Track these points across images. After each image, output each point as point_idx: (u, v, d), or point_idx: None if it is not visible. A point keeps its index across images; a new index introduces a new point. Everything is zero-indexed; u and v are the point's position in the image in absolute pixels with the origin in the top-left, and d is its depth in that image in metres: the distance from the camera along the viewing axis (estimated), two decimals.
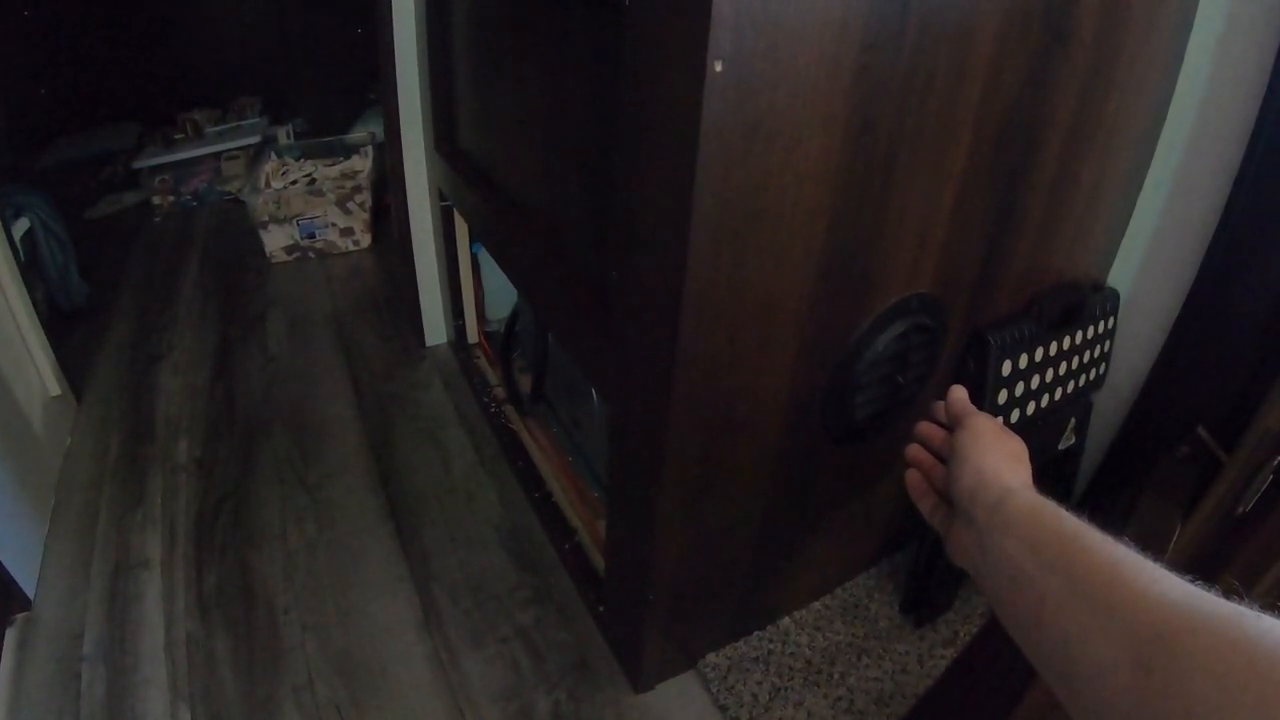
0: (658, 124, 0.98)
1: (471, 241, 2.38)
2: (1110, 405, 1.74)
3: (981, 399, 1.41)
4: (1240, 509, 1.25)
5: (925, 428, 1.00)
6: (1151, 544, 0.59)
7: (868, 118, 1.00)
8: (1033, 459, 0.84)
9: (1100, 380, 1.67)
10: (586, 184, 1.36)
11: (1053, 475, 1.76)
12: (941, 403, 0.98)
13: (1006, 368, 1.42)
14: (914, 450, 1.00)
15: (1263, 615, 0.48)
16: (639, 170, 1.05)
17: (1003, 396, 1.45)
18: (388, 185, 2.68)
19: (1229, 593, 0.52)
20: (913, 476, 0.97)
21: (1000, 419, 1.44)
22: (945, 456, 0.92)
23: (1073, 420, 1.68)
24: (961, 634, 1.64)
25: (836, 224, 1.07)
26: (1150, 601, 0.54)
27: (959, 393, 0.96)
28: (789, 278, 1.08)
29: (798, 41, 0.88)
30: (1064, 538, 0.66)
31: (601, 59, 1.20)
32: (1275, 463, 1.21)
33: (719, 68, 0.83)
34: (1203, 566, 1.24)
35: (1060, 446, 1.70)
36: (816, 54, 0.90)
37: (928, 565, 1.58)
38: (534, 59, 1.47)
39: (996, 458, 0.82)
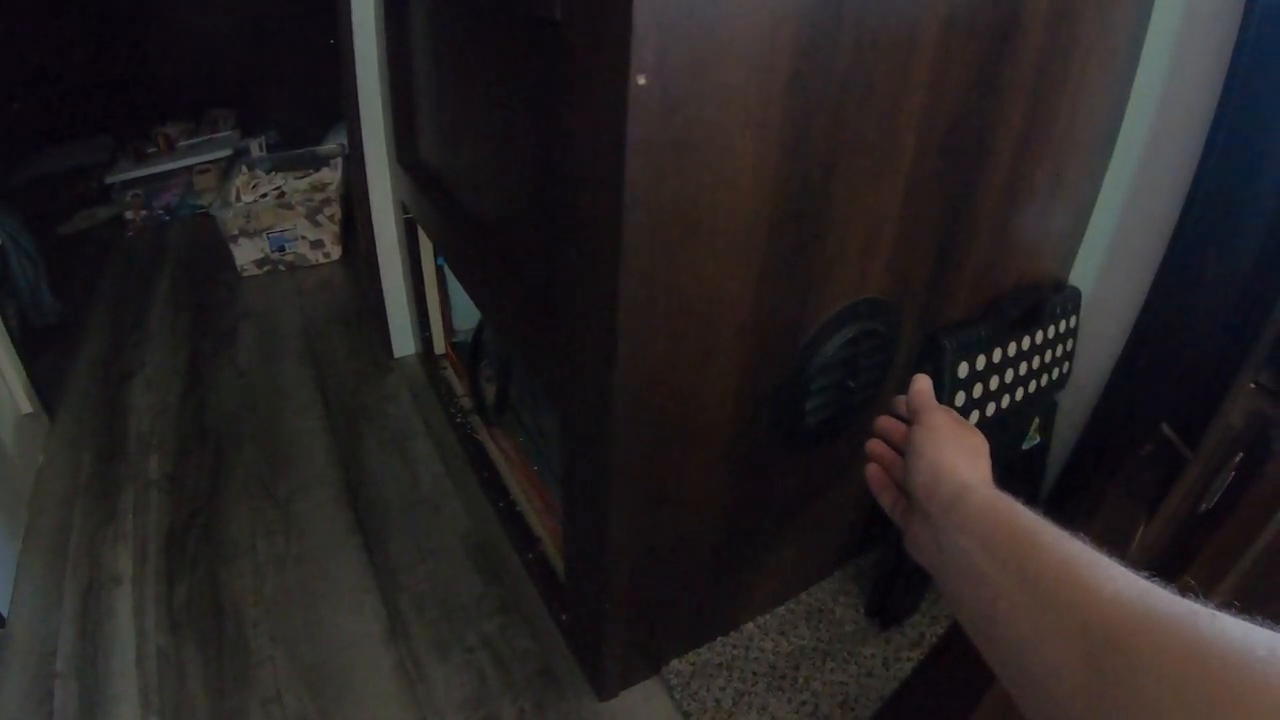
0: (589, 138, 0.98)
1: (436, 254, 2.38)
2: (1075, 404, 1.74)
3: (939, 401, 1.41)
4: (1204, 506, 1.25)
5: (885, 422, 0.99)
6: (1116, 541, 0.59)
7: (804, 127, 1.00)
8: (997, 459, 0.83)
9: (1064, 379, 1.67)
10: (533, 197, 1.37)
11: (1019, 474, 1.76)
12: (902, 397, 0.97)
13: (963, 370, 1.42)
14: (874, 444, 0.99)
15: (1217, 615, 0.48)
16: (574, 184, 1.06)
17: (961, 399, 1.44)
18: (354, 196, 2.68)
19: (1185, 591, 0.51)
20: (872, 470, 0.96)
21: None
22: (904, 450, 0.91)
23: (1037, 420, 1.69)
24: (928, 636, 1.64)
25: (776, 232, 1.07)
26: (1103, 600, 0.53)
27: (921, 384, 0.95)
28: (730, 287, 1.08)
29: (725, 53, 0.88)
30: (1018, 534, 0.65)
31: (540, 74, 1.20)
32: (1237, 459, 1.21)
33: (642, 81, 0.83)
34: (1167, 563, 1.24)
35: (1025, 446, 1.70)
36: (746, 65, 0.90)
37: (893, 568, 1.57)
38: (483, 74, 1.48)
39: (954, 453, 0.81)
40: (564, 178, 1.10)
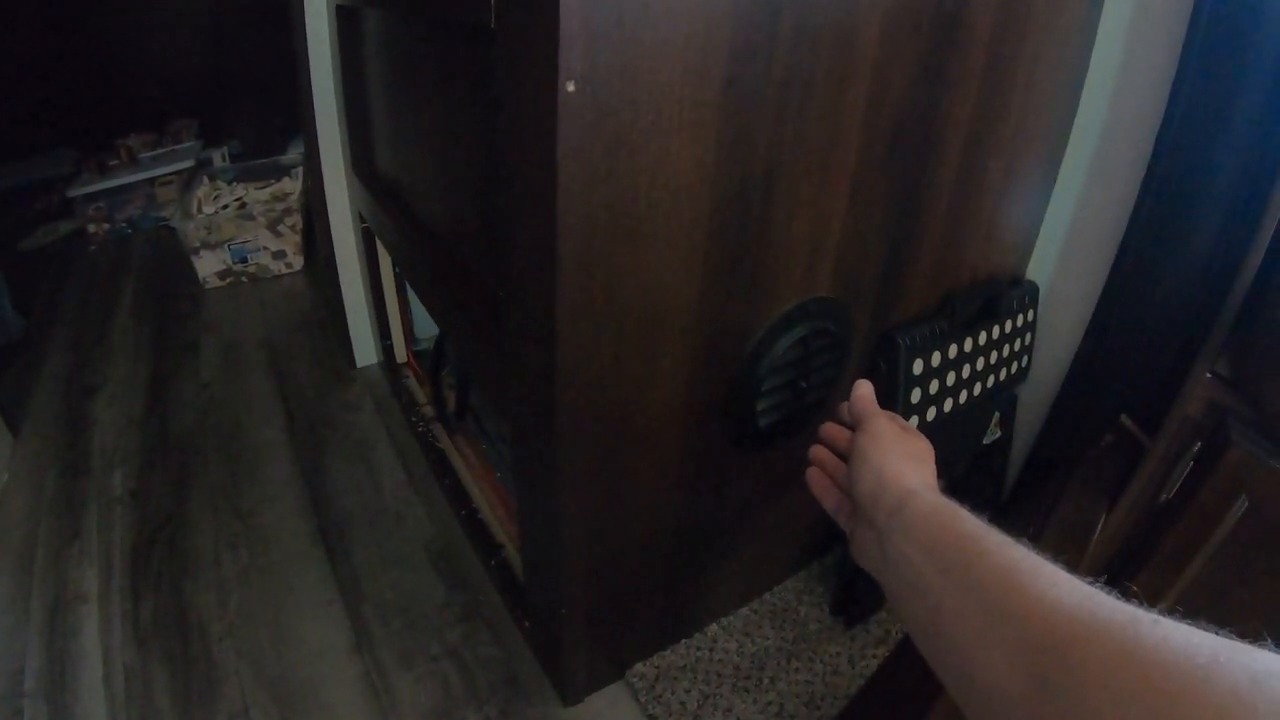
0: (523, 146, 0.98)
1: (395, 263, 2.37)
2: (1035, 397, 1.75)
3: (894, 398, 1.41)
4: (1164, 496, 1.26)
5: (829, 428, 0.99)
6: (1079, 531, 0.59)
7: (742, 128, 1.00)
8: (958, 454, 0.83)
9: (1024, 373, 1.68)
10: (477, 206, 1.37)
11: (981, 469, 1.77)
12: (846, 403, 0.97)
13: (918, 366, 1.43)
14: (816, 450, 0.98)
15: (1159, 621, 0.47)
16: (512, 192, 1.06)
17: (916, 395, 1.45)
18: (312, 205, 2.67)
19: (1128, 596, 0.51)
20: (814, 474, 0.96)
21: (914, 418, 1.45)
22: (849, 457, 0.91)
23: (997, 414, 1.69)
24: (893, 633, 1.64)
25: (718, 234, 1.07)
26: (1045, 608, 0.53)
27: (863, 389, 0.94)
28: (672, 289, 1.09)
29: (657, 57, 0.88)
30: (961, 540, 0.64)
31: (479, 84, 1.20)
32: (1196, 449, 1.22)
33: (571, 88, 0.83)
34: (1130, 552, 1.25)
35: (986, 440, 1.71)
36: (679, 68, 0.90)
37: (856, 566, 1.57)
38: (428, 84, 1.48)
39: (898, 459, 0.81)
40: (502, 185, 1.10)
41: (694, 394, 1.23)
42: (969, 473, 1.73)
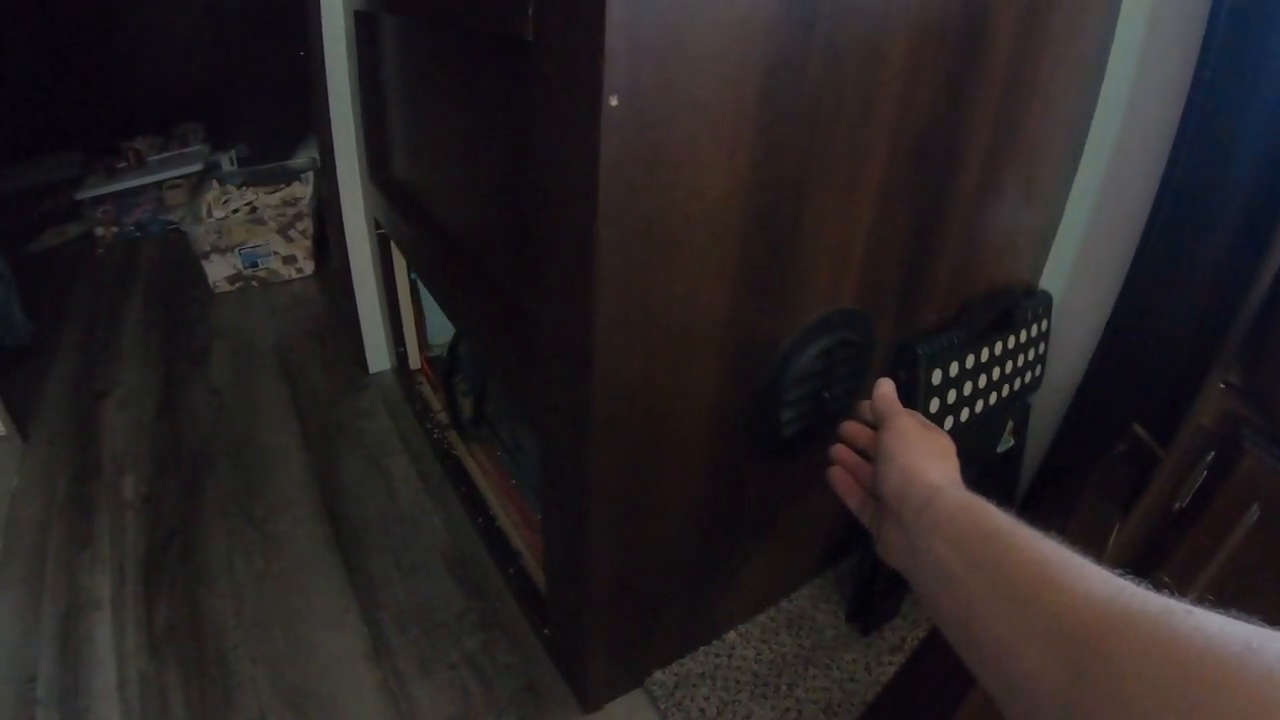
0: (561, 158, 0.98)
1: (410, 269, 2.38)
2: (1049, 406, 1.76)
3: (913, 408, 1.41)
4: (1178, 505, 1.26)
5: (850, 427, 0.99)
6: (1092, 541, 0.59)
7: (774, 141, 1.01)
8: (972, 462, 0.83)
9: (1037, 382, 1.68)
10: (505, 214, 1.37)
11: (994, 477, 1.77)
12: (867, 401, 0.97)
13: (936, 376, 1.43)
14: (838, 449, 0.99)
15: (1192, 611, 0.48)
16: (547, 203, 1.06)
17: (934, 405, 1.45)
18: (326, 211, 2.67)
19: (1159, 588, 0.51)
20: (836, 474, 0.97)
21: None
22: (871, 455, 0.91)
23: (1011, 423, 1.70)
24: (909, 640, 1.64)
25: (749, 246, 1.08)
26: (1077, 600, 0.53)
27: (885, 388, 0.95)
28: (703, 301, 1.09)
29: (697, 71, 0.89)
30: (991, 536, 0.65)
31: (511, 93, 1.20)
32: (1209, 458, 1.22)
33: (614, 102, 0.84)
34: (1143, 562, 1.25)
35: (999, 449, 1.71)
36: (717, 82, 0.91)
37: (872, 573, 1.58)
38: (453, 92, 1.48)
39: (922, 456, 0.82)
40: (536, 196, 1.10)
41: (720, 404, 1.23)
42: (982, 481, 1.73)
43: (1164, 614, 0.48)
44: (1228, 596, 1.12)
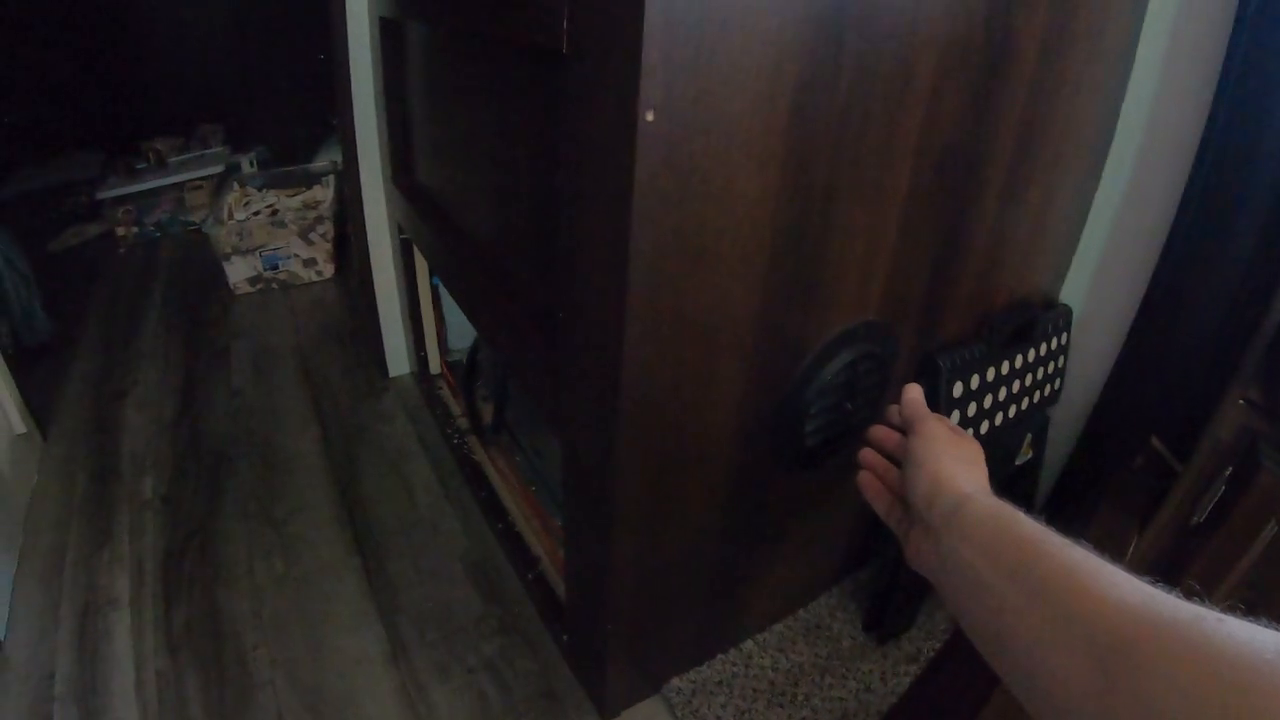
0: (594, 170, 0.99)
1: (431, 274, 2.39)
2: (1067, 419, 1.76)
3: None
4: (1195, 519, 1.26)
5: (878, 431, 0.99)
6: (1109, 555, 0.59)
7: (804, 155, 1.01)
8: (990, 475, 0.83)
9: (1056, 395, 1.69)
10: (533, 224, 1.37)
11: (1011, 490, 1.76)
12: (895, 406, 0.97)
13: (958, 389, 1.44)
14: (866, 453, 0.99)
15: (1223, 618, 0.48)
16: (578, 214, 1.07)
17: (955, 417, 1.46)
18: (348, 215, 2.68)
19: (1189, 594, 0.51)
20: (865, 478, 0.97)
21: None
22: (899, 459, 0.91)
23: (1029, 435, 1.70)
24: (924, 650, 1.65)
25: (777, 259, 1.08)
26: (1109, 607, 0.53)
27: (914, 393, 0.95)
28: (732, 313, 1.10)
29: (730, 87, 0.89)
30: (1022, 543, 0.65)
31: (544, 105, 1.21)
32: (1227, 473, 1.22)
33: (650, 117, 0.84)
34: (1159, 576, 1.25)
35: (1017, 462, 1.71)
36: (750, 97, 0.92)
37: (889, 583, 1.59)
38: (482, 100, 1.48)
39: (952, 462, 0.81)
40: (566, 207, 1.11)
41: (745, 415, 1.24)
42: (999, 494, 1.73)
43: (1195, 621, 0.48)
44: (1245, 612, 1.11)
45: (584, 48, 0.95)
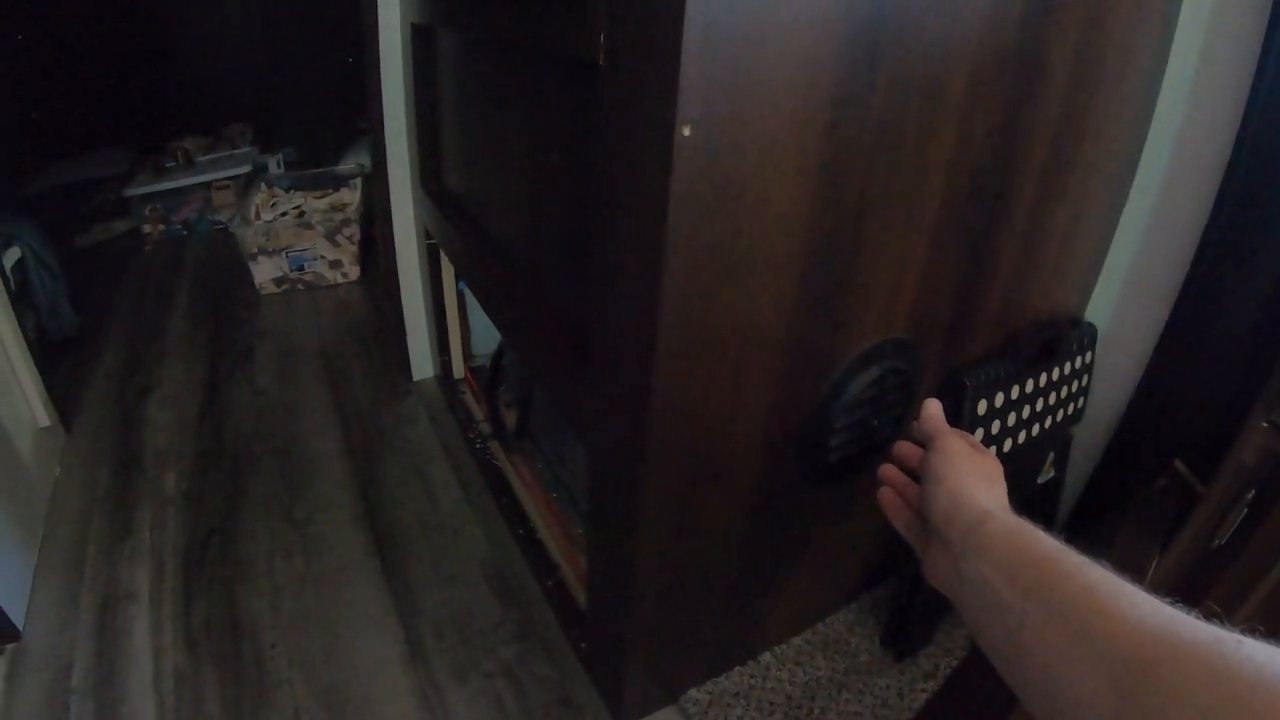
0: (629, 183, 0.99)
1: (457, 279, 2.39)
2: (1089, 438, 1.75)
3: None
4: (1216, 541, 1.25)
5: (901, 447, 0.98)
6: (1129, 576, 0.59)
7: (838, 173, 1.01)
8: (1011, 493, 0.83)
9: (1079, 414, 1.68)
10: (564, 232, 1.38)
11: (1032, 508, 1.76)
12: (917, 422, 0.98)
13: (982, 407, 1.43)
14: (887, 469, 0.98)
15: (1243, 641, 0.47)
16: (612, 227, 1.07)
17: (979, 434, 1.45)
18: (375, 218, 2.69)
19: (1209, 617, 0.51)
20: (885, 494, 0.96)
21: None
22: (920, 475, 0.90)
23: (1051, 454, 1.69)
24: (942, 667, 1.64)
25: (808, 276, 1.08)
26: (1129, 628, 0.52)
27: (933, 408, 0.94)
28: (762, 328, 1.10)
29: (766, 104, 0.90)
30: (1041, 561, 0.64)
31: (578, 116, 1.21)
32: (1250, 496, 1.22)
33: (687, 132, 0.85)
34: (1179, 598, 1.25)
35: (1039, 480, 1.71)
36: (786, 114, 0.92)
37: (908, 599, 1.58)
38: (515, 108, 1.49)
39: (972, 479, 0.80)
40: (598, 217, 1.11)
41: (772, 429, 1.24)
42: (1020, 513, 1.72)
43: (1215, 643, 0.48)
44: (1265, 636, 1.11)
45: (621, 60, 0.96)
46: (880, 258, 1.16)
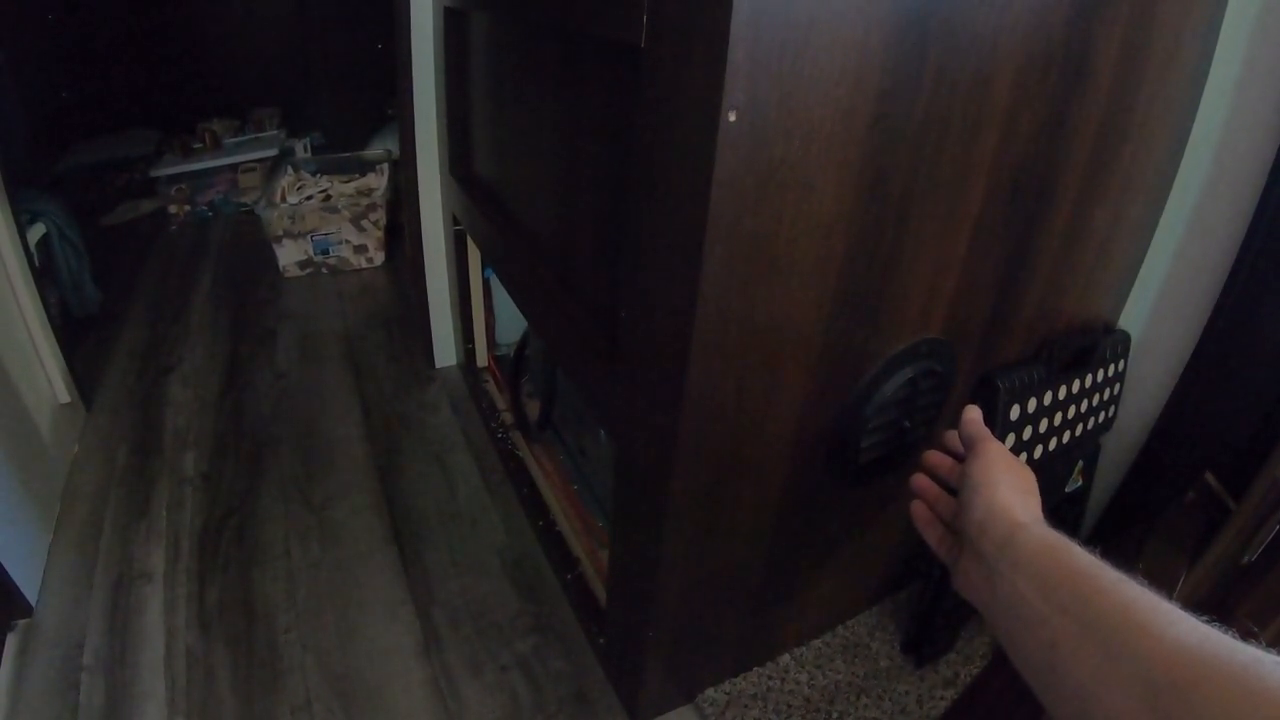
0: (671, 170, 0.98)
1: (484, 266, 2.39)
2: (1119, 448, 1.73)
3: None
4: (1246, 558, 1.24)
5: (933, 456, 0.97)
6: (1156, 590, 0.58)
7: (882, 167, 1.00)
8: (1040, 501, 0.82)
9: (1109, 423, 1.66)
10: (599, 221, 1.36)
11: (1058, 517, 1.74)
12: (952, 431, 0.95)
13: (1015, 412, 1.41)
14: (919, 480, 0.97)
15: None
16: (651, 214, 1.05)
17: (1011, 440, 1.43)
18: (402, 204, 2.69)
19: (1245, 635, 0.50)
20: (918, 507, 0.95)
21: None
22: (953, 487, 0.90)
23: (1080, 463, 1.67)
24: (962, 675, 1.62)
25: (848, 271, 1.07)
26: (1166, 647, 0.52)
27: (973, 413, 0.92)
28: (799, 324, 1.08)
29: (813, 92, 0.88)
30: (1076, 576, 0.63)
31: (617, 100, 1.20)
32: None
33: (733, 118, 0.83)
34: (1207, 614, 1.23)
35: (1067, 489, 1.69)
36: (832, 104, 0.90)
37: (930, 605, 1.57)
38: (549, 92, 1.47)
39: (1008, 489, 0.79)
40: (636, 207, 1.09)
41: (804, 427, 1.22)
42: (1047, 521, 1.71)
43: (1254, 664, 0.48)
44: None
45: (664, 43, 0.94)
46: (921, 256, 1.14)
